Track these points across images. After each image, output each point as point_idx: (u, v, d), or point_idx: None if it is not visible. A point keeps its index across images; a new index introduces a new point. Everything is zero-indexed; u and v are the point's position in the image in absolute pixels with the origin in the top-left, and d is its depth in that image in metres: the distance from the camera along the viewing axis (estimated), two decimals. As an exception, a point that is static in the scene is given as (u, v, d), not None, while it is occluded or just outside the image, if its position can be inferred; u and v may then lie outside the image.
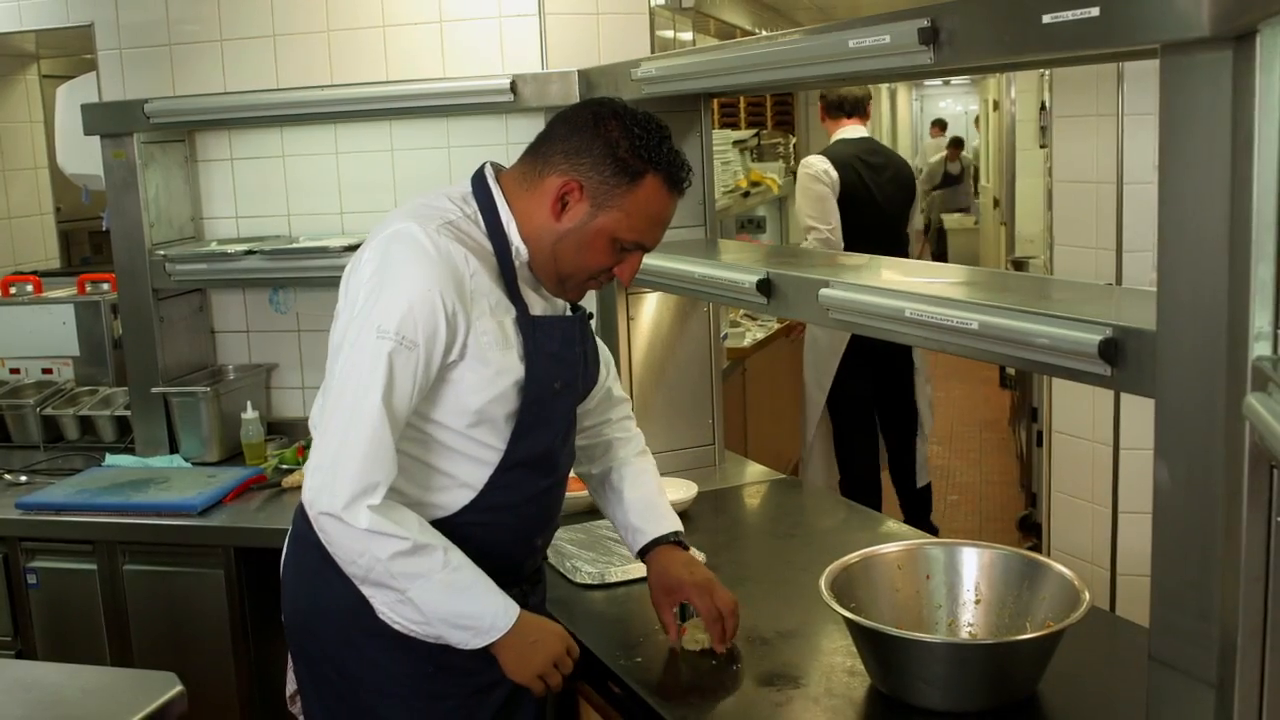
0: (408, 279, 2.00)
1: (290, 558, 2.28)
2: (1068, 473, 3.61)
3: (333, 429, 2.01)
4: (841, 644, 2.29)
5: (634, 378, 3.47)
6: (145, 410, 3.91)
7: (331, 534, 2.01)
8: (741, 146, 6.77)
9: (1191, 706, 1.62)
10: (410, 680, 2.14)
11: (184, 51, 3.95)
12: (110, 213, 3.86)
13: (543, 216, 2.11)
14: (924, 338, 2.14)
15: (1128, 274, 3.28)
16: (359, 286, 2.05)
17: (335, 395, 2.03)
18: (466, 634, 2.06)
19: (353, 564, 2.02)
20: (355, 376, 2.00)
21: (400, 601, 2.03)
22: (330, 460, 2.00)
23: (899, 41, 2.01)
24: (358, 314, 2.02)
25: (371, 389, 1.98)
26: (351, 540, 1.99)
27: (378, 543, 1.98)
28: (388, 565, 1.99)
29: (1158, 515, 1.66)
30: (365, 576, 2.03)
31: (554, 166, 2.10)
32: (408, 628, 2.07)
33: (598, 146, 2.07)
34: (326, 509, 1.98)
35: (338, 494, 1.97)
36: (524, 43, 3.70)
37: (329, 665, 2.19)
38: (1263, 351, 1.42)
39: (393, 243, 2.04)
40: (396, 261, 2.02)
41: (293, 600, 2.25)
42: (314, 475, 2.02)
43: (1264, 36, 1.38)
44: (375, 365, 1.98)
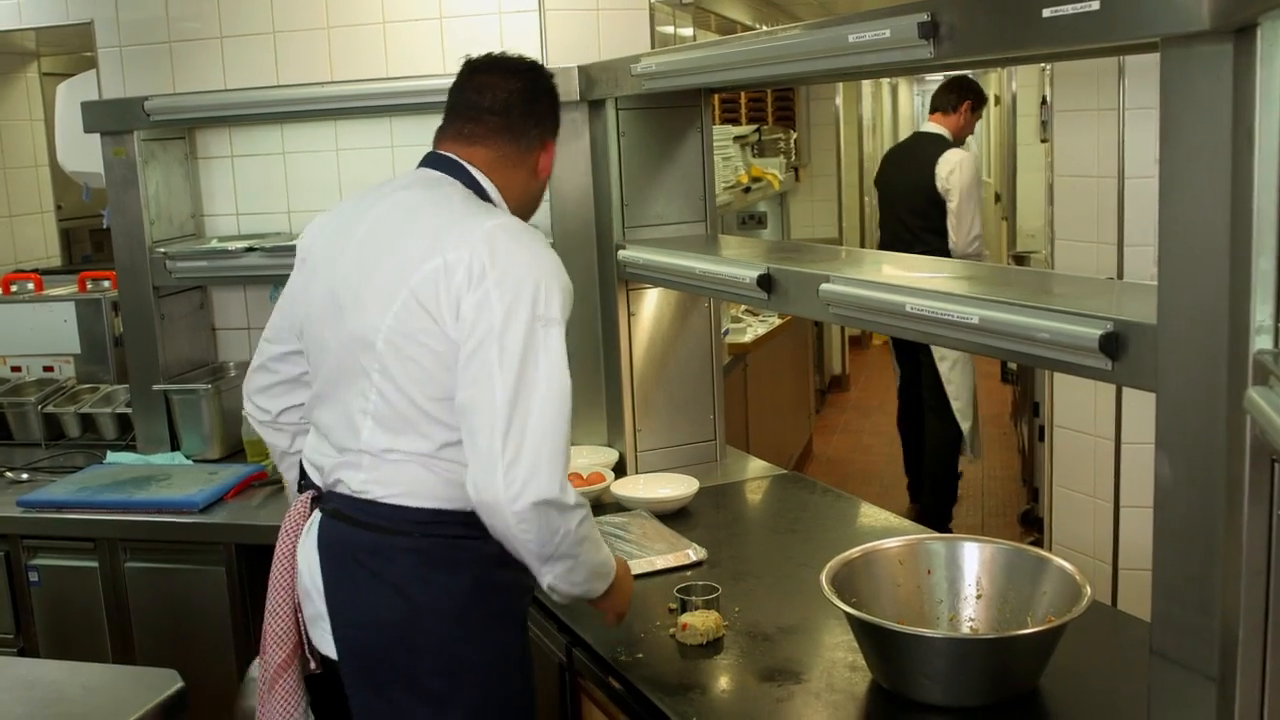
0: (547, 265, 2.11)
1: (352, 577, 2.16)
2: (1069, 467, 3.61)
3: (528, 423, 2.01)
4: (843, 639, 2.29)
5: (635, 373, 3.47)
6: (146, 407, 3.91)
7: (539, 520, 2.01)
8: (742, 142, 6.77)
9: (1193, 700, 1.62)
10: (515, 651, 2.22)
11: (184, 48, 3.94)
12: (111, 210, 3.86)
13: (524, 180, 2.35)
14: (925, 332, 2.14)
15: (1129, 268, 3.28)
16: (487, 289, 2.04)
17: (511, 391, 2.01)
18: (602, 582, 2.20)
19: (546, 544, 2.04)
20: (538, 366, 2.03)
21: (572, 568, 2.10)
22: (534, 449, 2.00)
23: (899, 36, 2.01)
24: (503, 317, 2.03)
25: (558, 375, 2.05)
26: (559, 520, 2.02)
27: (575, 515, 2.05)
28: (577, 533, 2.06)
29: (1159, 509, 1.66)
30: (554, 552, 2.06)
31: (530, 136, 2.33)
32: (569, 591, 2.14)
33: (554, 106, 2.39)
34: (544, 496, 1.99)
35: (553, 479, 2.01)
36: (524, 38, 3.69)
37: (433, 670, 2.14)
38: (1264, 345, 1.42)
39: (500, 236, 2.10)
40: (526, 252, 2.10)
41: (370, 616, 2.15)
42: (514, 468, 1.99)
43: (1264, 29, 1.37)
44: (553, 353, 2.05)
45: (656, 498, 3.16)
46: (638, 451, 3.50)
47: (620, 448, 3.51)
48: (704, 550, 2.81)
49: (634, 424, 3.49)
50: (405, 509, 2.12)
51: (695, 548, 2.81)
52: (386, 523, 2.13)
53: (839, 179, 9.36)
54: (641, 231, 3.40)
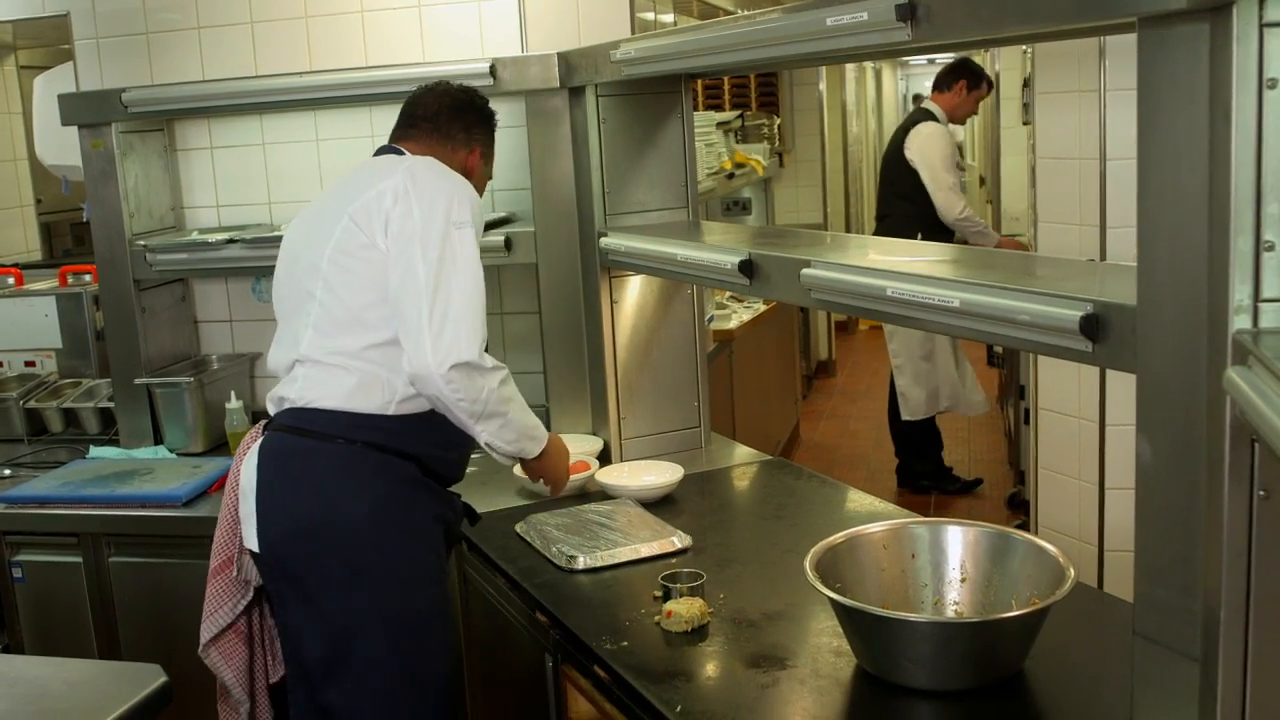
0: (455, 183, 2.58)
1: (278, 477, 2.53)
2: (1055, 450, 3.61)
3: (447, 301, 2.43)
4: (828, 624, 2.29)
5: (618, 361, 3.46)
6: (129, 402, 3.89)
7: (462, 381, 2.43)
8: (725, 128, 6.75)
9: (1176, 681, 1.62)
10: (422, 567, 2.55)
11: (161, 40, 3.92)
12: (90, 203, 3.84)
13: None
14: (907, 316, 2.14)
15: (1111, 250, 3.28)
16: (409, 204, 2.49)
17: (431, 281, 2.44)
18: (534, 443, 2.67)
19: (475, 401, 2.46)
20: (453, 259, 2.47)
21: (503, 425, 2.54)
22: (454, 323, 2.42)
23: (876, 18, 2.00)
24: (422, 223, 2.47)
25: (471, 263, 2.49)
26: (481, 378, 2.45)
27: (494, 375, 2.49)
28: (499, 392, 2.49)
29: (1140, 491, 1.66)
30: (483, 410, 2.48)
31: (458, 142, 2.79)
32: (505, 449, 2.60)
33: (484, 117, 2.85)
34: (463, 358, 2.41)
35: (471, 344, 2.43)
36: (503, 26, 3.68)
37: (338, 568, 2.47)
38: (1243, 325, 1.42)
39: (418, 167, 2.58)
40: (436, 177, 2.57)
41: (288, 513, 2.51)
42: (438, 339, 2.41)
43: (1240, 8, 1.37)
44: (466, 247, 2.49)
45: (641, 485, 3.15)
46: (622, 439, 3.50)
47: (605, 435, 3.51)
48: (689, 537, 2.80)
49: (618, 412, 3.48)
50: (333, 413, 2.51)
51: (680, 535, 2.80)
52: (318, 427, 2.51)
53: (823, 164, 9.34)
54: (623, 219, 3.39)
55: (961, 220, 5.98)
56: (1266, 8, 1.36)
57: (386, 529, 2.49)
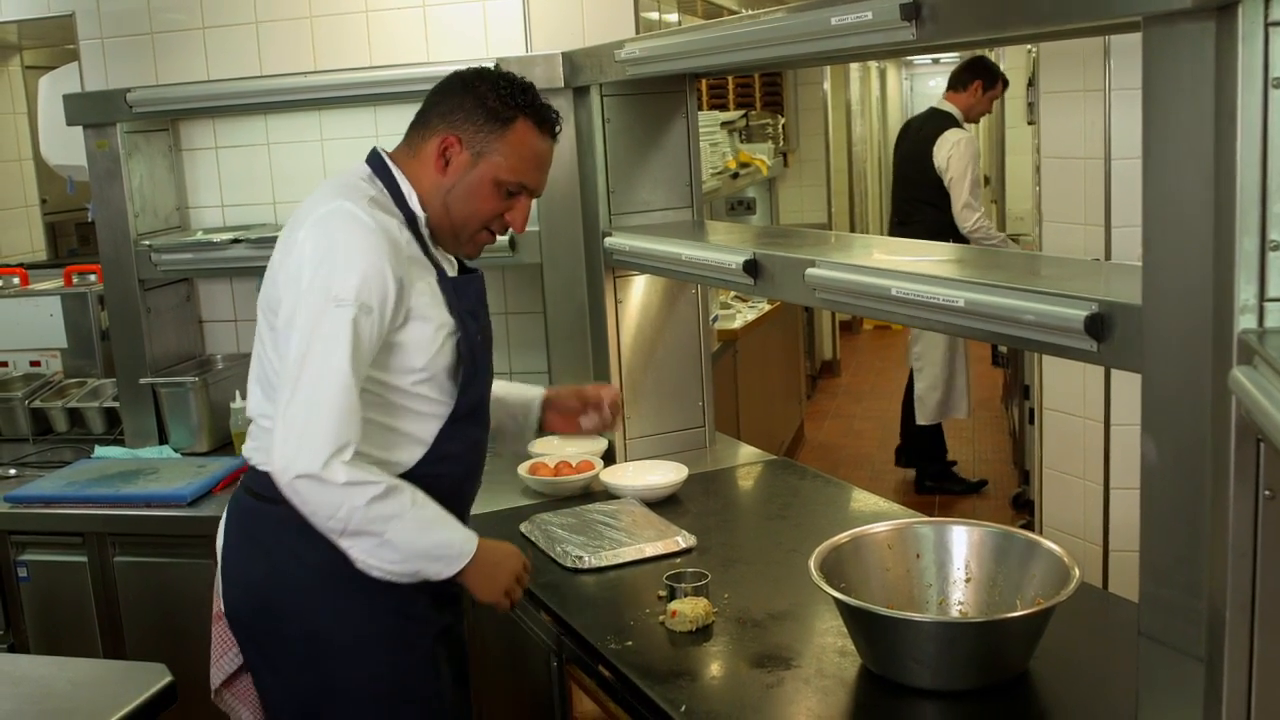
0: (356, 249, 2.13)
1: (237, 541, 2.34)
2: (1059, 450, 3.61)
3: (299, 398, 2.10)
4: (832, 624, 2.28)
5: (623, 361, 3.46)
6: (134, 401, 3.89)
7: (308, 494, 2.10)
8: (730, 128, 6.75)
9: (1181, 681, 1.62)
10: (377, 634, 2.26)
11: (166, 40, 3.92)
12: (95, 203, 3.84)
13: (431, 176, 2.28)
14: (911, 316, 2.14)
15: (1116, 249, 3.28)
16: (300, 266, 2.15)
17: (296, 367, 2.11)
18: (439, 564, 2.21)
19: (331, 519, 2.11)
20: (318, 346, 2.10)
21: (380, 545, 2.14)
22: (301, 426, 2.09)
23: (881, 18, 2.00)
24: (307, 290, 2.12)
25: (335, 354, 2.09)
26: (330, 495, 2.09)
27: (355, 492, 2.09)
28: (365, 511, 2.10)
29: (1145, 491, 1.65)
30: (344, 528, 2.12)
31: (432, 129, 2.28)
32: (386, 570, 2.17)
33: (468, 102, 2.26)
34: (305, 470, 2.07)
35: (315, 455, 2.07)
36: (507, 25, 3.68)
37: (297, 635, 2.26)
38: (1248, 324, 1.42)
39: (331, 219, 2.16)
40: (341, 235, 2.15)
41: (244, 576, 2.32)
42: (285, 444, 2.09)
43: (1245, 7, 1.37)
44: (337, 332, 2.09)
45: (646, 485, 3.15)
46: (626, 439, 3.50)
47: (609, 435, 3.50)
48: (693, 537, 2.80)
49: (623, 411, 3.48)
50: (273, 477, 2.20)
51: (685, 535, 2.80)
52: (263, 490, 2.25)
53: (828, 164, 9.34)
54: (628, 218, 3.39)
55: (974, 231, 5.99)
56: (1272, 7, 1.36)
57: (332, 594, 2.23)
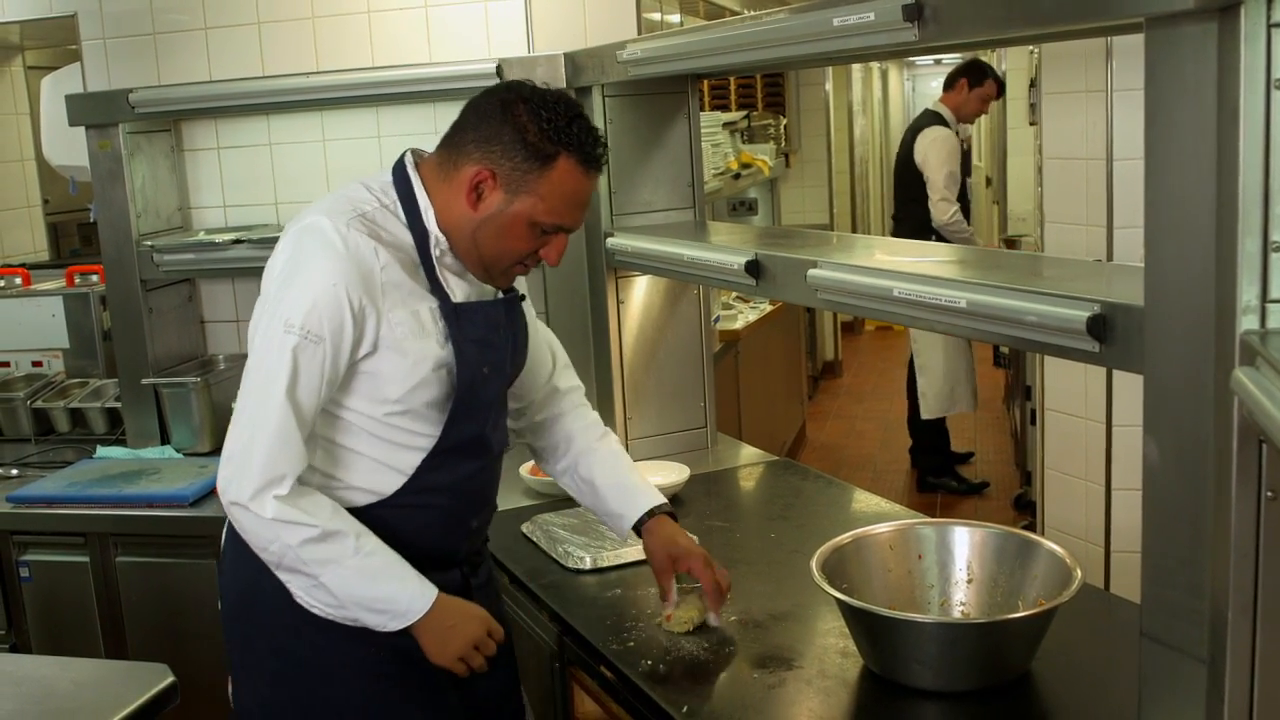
0: (314, 273, 2.02)
1: (229, 547, 2.26)
2: (1061, 450, 3.61)
3: (242, 421, 2.04)
4: (834, 625, 2.28)
5: (624, 361, 3.46)
6: (136, 402, 3.90)
7: (242, 522, 2.04)
8: (732, 128, 6.76)
9: (1183, 682, 1.61)
10: (358, 660, 2.16)
11: (168, 40, 3.93)
12: (97, 204, 3.84)
13: (460, 206, 2.10)
14: (913, 317, 2.14)
15: (1118, 250, 3.27)
16: (270, 279, 2.07)
17: (246, 386, 2.06)
18: (382, 617, 2.09)
19: (265, 550, 2.05)
20: (263, 369, 2.03)
21: (314, 586, 2.07)
22: (240, 452, 2.02)
23: (883, 19, 2.00)
24: (267, 306, 2.05)
25: (276, 382, 2.00)
26: (261, 528, 2.02)
27: (286, 530, 2.01)
28: (298, 552, 2.02)
29: (1147, 492, 1.65)
30: (279, 563, 2.06)
31: (467, 156, 2.08)
32: (325, 612, 2.10)
33: (507, 133, 2.05)
34: (235, 499, 2.02)
35: (245, 485, 2.00)
36: (510, 26, 3.68)
37: (270, 650, 2.19)
38: (1250, 325, 1.42)
39: (303, 236, 2.06)
40: (305, 256, 2.04)
41: (232, 587, 2.25)
42: (225, 465, 2.04)
43: (1248, 8, 1.37)
44: (280, 359, 2.00)
45: (648, 486, 3.14)
46: (628, 439, 3.50)
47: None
48: (695, 538, 2.79)
49: (624, 412, 3.48)
50: None
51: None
52: None
53: (829, 164, 9.34)
54: (630, 219, 3.39)
55: (949, 226, 6.16)
56: (1275, 8, 1.36)
57: (305, 617, 2.12)
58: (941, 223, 6.13)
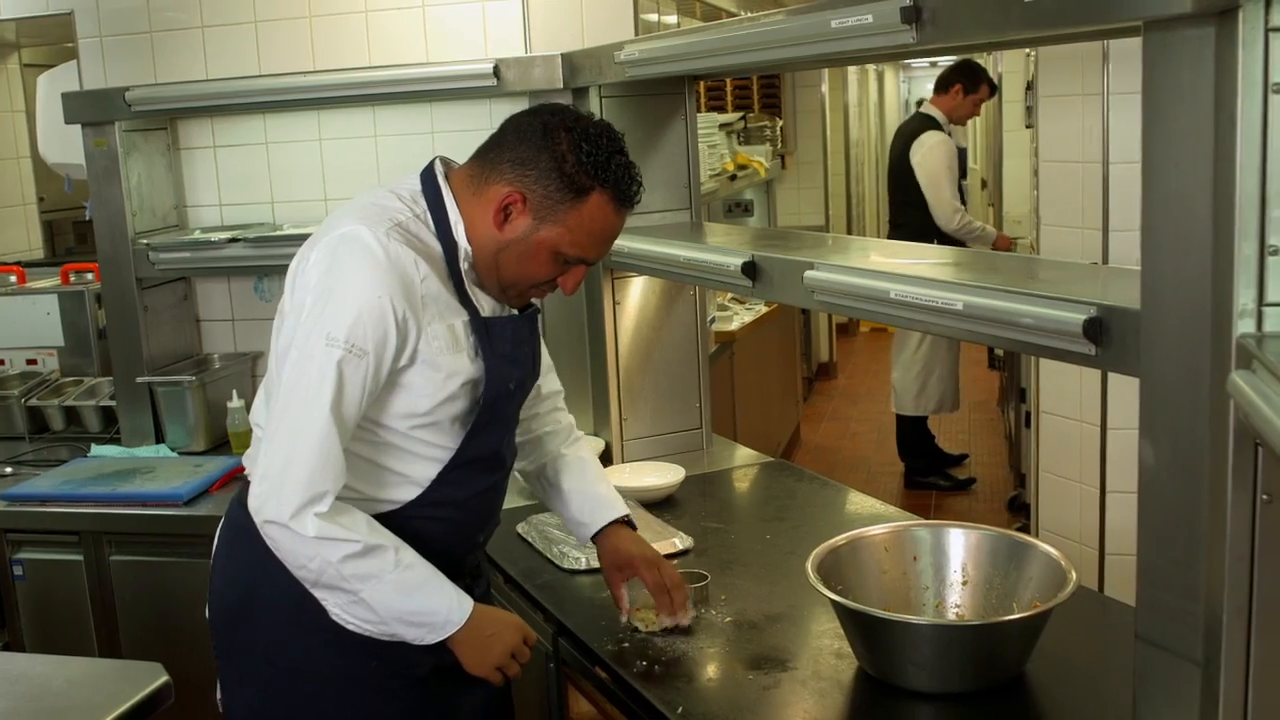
0: (357, 285, 1.97)
1: (225, 548, 2.23)
2: (1056, 453, 3.61)
3: (280, 437, 1.99)
4: (829, 626, 2.28)
5: (620, 362, 3.46)
6: (130, 400, 3.89)
7: (279, 541, 1.99)
8: (728, 130, 6.76)
9: (1178, 685, 1.62)
10: (357, 672, 2.13)
11: (165, 39, 3.92)
12: (93, 202, 3.84)
13: (486, 224, 2.06)
14: (909, 319, 2.14)
15: (1114, 253, 3.28)
16: (306, 290, 2.00)
17: (283, 402, 2.00)
18: (422, 630, 2.06)
19: (302, 569, 2.00)
20: (304, 384, 1.97)
21: (354, 603, 2.02)
22: (279, 469, 1.97)
23: (881, 21, 2.00)
24: (305, 319, 1.98)
25: (320, 397, 1.95)
26: (301, 546, 1.97)
27: (328, 548, 1.97)
28: (339, 568, 1.98)
29: (1143, 494, 1.66)
30: (317, 580, 2.01)
31: (500, 175, 2.05)
32: (362, 628, 2.05)
33: (544, 159, 2.02)
34: (273, 517, 1.96)
35: (285, 503, 1.95)
36: (507, 26, 3.68)
37: (262, 658, 2.16)
38: (1247, 329, 1.42)
39: (341, 246, 1.99)
40: (345, 266, 1.98)
41: (226, 591, 2.22)
42: (261, 483, 1.98)
43: (1246, 12, 1.37)
44: (324, 373, 1.95)
45: (643, 486, 3.15)
46: (624, 440, 3.50)
47: (606, 436, 3.51)
48: (690, 539, 2.80)
49: (620, 412, 3.48)
50: None
51: (682, 536, 2.80)
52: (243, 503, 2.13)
53: (825, 166, 9.34)
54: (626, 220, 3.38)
55: (958, 229, 6.15)
56: (1272, 12, 1.36)
57: (307, 626, 2.09)
58: (953, 229, 6.12)
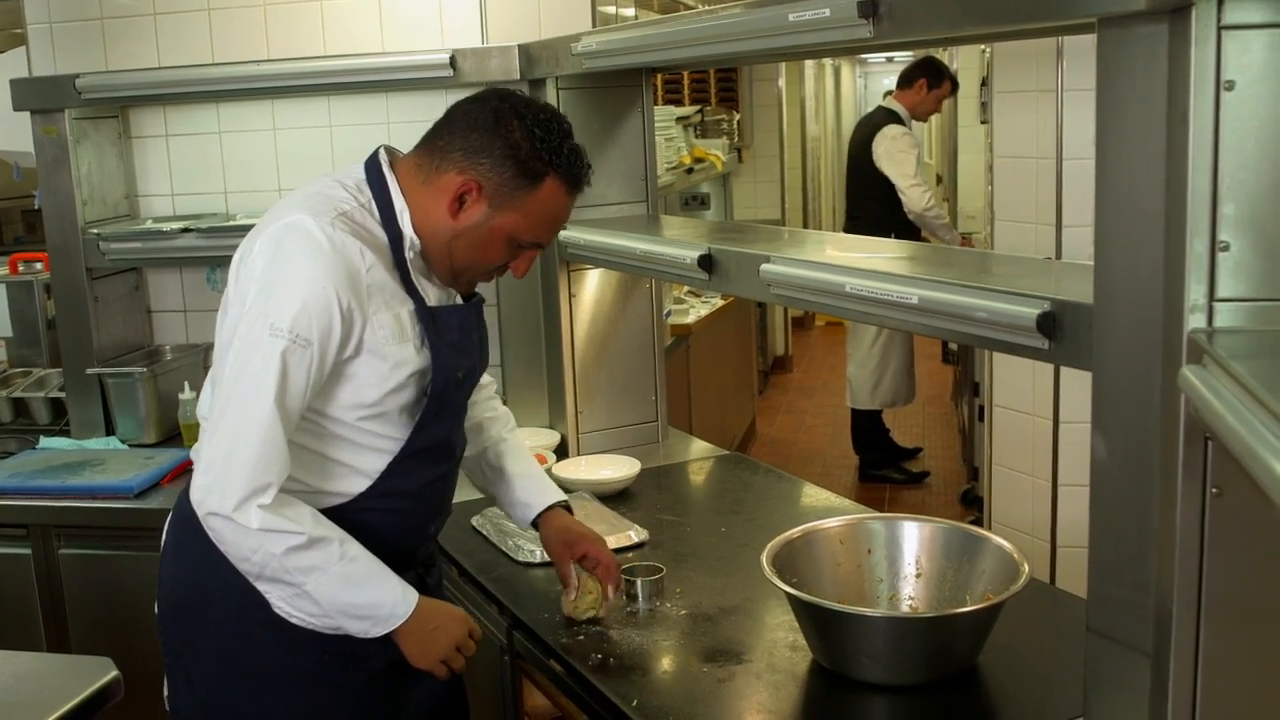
0: (302, 275, 1.95)
1: (173, 543, 2.22)
2: (1008, 447, 3.64)
3: (224, 428, 1.96)
4: (784, 619, 2.29)
5: (576, 355, 3.46)
6: (80, 392, 3.84)
7: (222, 533, 1.96)
8: (685, 123, 6.76)
9: (1128, 676, 1.63)
10: (306, 667, 2.11)
11: (116, 25, 3.87)
12: (42, 191, 3.78)
13: (439, 213, 2.07)
14: (864, 313, 2.15)
15: (1067, 249, 3.30)
16: (249, 280, 1.99)
17: (226, 393, 1.98)
18: (365, 623, 2.04)
19: (245, 561, 1.98)
20: (247, 374, 1.95)
21: (297, 595, 2.00)
22: (221, 461, 1.95)
23: (838, 15, 2.01)
24: (249, 310, 1.96)
25: (264, 388, 1.94)
26: (244, 539, 1.95)
27: (271, 539, 1.95)
28: (282, 560, 1.96)
29: (1095, 488, 1.67)
30: (260, 573, 1.99)
31: (452, 163, 2.05)
32: (306, 621, 2.04)
33: (498, 147, 2.03)
34: (216, 509, 1.94)
35: (228, 495, 1.93)
36: (464, 17, 3.66)
37: (213, 654, 2.14)
38: (1198, 324, 1.43)
39: (285, 236, 1.98)
40: (290, 256, 1.97)
41: (174, 587, 2.20)
42: (204, 475, 1.97)
43: (1199, 10, 1.38)
44: (268, 364, 1.93)
45: (598, 479, 3.15)
46: (579, 433, 3.49)
47: (561, 429, 3.50)
48: (645, 531, 2.80)
49: (575, 405, 3.48)
50: None
51: (637, 529, 2.80)
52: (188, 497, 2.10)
53: (782, 160, 9.37)
54: (582, 212, 3.37)
55: (928, 212, 6.17)
56: (1225, 10, 1.37)
57: (258, 622, 2.07)
58: (919, 210, 6.14)
